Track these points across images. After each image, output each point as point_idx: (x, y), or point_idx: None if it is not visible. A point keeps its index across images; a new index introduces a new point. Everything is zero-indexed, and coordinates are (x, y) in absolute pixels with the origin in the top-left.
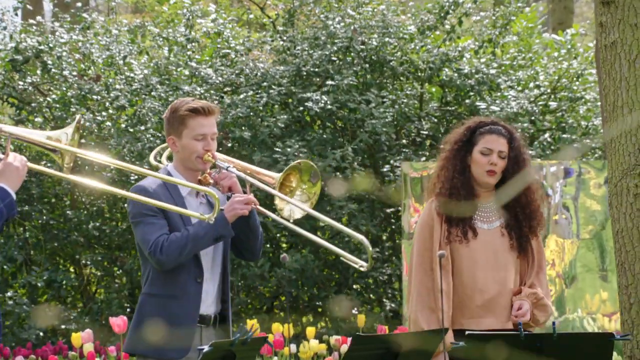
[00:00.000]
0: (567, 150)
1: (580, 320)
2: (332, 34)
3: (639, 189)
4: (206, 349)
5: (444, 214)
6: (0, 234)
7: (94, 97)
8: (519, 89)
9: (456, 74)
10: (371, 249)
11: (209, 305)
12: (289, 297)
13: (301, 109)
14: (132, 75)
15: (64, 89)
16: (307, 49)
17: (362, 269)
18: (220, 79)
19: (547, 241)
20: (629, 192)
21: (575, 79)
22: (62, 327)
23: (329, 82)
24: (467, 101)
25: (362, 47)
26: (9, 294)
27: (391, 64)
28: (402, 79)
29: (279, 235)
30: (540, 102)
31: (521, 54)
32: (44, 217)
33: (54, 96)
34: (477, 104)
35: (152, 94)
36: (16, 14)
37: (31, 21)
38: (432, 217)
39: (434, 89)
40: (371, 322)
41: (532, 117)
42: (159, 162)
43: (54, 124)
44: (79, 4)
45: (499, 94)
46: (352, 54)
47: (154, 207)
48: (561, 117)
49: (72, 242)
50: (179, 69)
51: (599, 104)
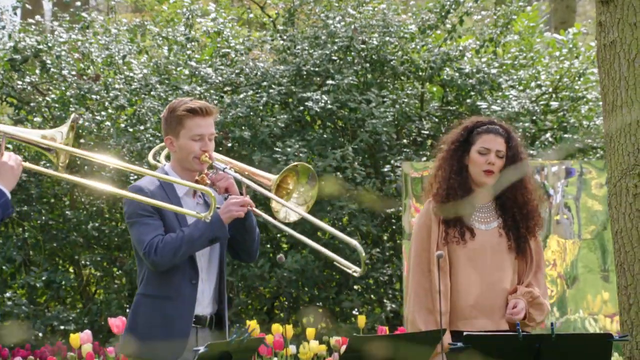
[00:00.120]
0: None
1: (581, 321)
2: (333, 33)
3: (639, 189)
4: (202, 349)
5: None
6: None
7: (93, 96)
8: (520, 88)
9: (457, 74)
10: (364, 254)
11: (205, 306)
12: (289, 298)
13: (301, 108)
14: (131, 74)
15: (63, 88)
16: (307, 48)
17: (355, 274)
18: (220, 78)
19: (549, 241)
20: (628, 192)
21: (576, 78)
22: (61, 327)
23: (330, 81)
24: (468, 101)
25: (362, 46)
26: (8, 295)
27: (392, 63)
28: (402, 78)
29: (279, 235)
30: (541, 102)
31: (522, 54)
32: (43, 218)
33: (53, 96)
34: (478, 103)
35: (152, 93)
36: (15, 13)
37: (30, 20)
38: (429, 218)
39: (434, 89)
40: (372, 322)
41: (534, 117)
42: (158, 161)
43: (53, 124)
44: (78, 3)
45: (500, 93)
46: (352, 54)
47: (150, 208)
48: (563, 116)
49: (72, 243)
50: (178, 69)
51: (601, 103)
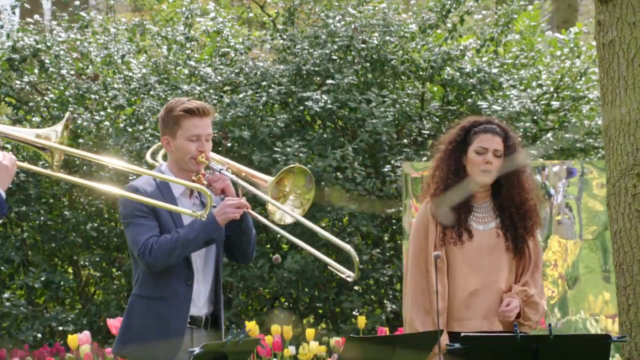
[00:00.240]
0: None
1: (583, 321)
2: (333, 32)
3: (638, 190)
4: (197, 350)
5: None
6: None
7: (92, 96)
8: (522, 88)
9: (458, 73)
10: (358, 259)
11: (200, 307)
12: (288, 299)
13: (301, 108)
14: (130, 74)
15: (62, 88)
16: (307, 47)
17: (349, 279)
18: (219, 78)
19: (550, 242)
20: (627, 192)
21: (578, 77)
22: (60, 328)
23: (330, 81)
24: (468, 100)
25: (362, 45)
26: (6, 295)
27: (392, 62)
28: (403, 78)
29: (279, 236)
30: (542, 102)
31: (523, 53)
32: (42, 218)
33: (51, 95)
34: (479, 103)
35: (151, 93)
36: (14, 13)
37: (29, 20)
38: (427, 218)
39: (435, 88)
40: (372, 323)
41: (535, 117)
42: (155, 160)
43: (51, 124)
44: (77, 3)
45: (501, 93)
46: (352, 53)
47: (145, 208)
48: (564, 116)
49: (70, 243)
50: (177, 68)
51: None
